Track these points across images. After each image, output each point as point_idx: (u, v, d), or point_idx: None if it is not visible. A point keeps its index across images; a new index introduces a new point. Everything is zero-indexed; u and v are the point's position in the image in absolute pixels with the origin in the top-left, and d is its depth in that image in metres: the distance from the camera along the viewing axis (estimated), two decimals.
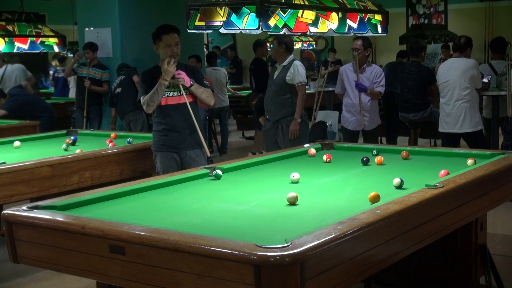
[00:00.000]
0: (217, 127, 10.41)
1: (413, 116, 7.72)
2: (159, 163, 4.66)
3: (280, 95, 6.18)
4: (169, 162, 4.63)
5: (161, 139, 4.66)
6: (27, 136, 5.68)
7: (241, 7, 4.75)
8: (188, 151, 4.65)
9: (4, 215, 2.71)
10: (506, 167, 3.54)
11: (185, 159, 4.65)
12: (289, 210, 2.80)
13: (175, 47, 4.57)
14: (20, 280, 4.52)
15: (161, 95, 4.53)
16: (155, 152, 4.71)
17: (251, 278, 2.04)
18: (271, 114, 6.30)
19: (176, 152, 4.64)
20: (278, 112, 6.22)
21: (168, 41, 4.56)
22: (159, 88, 4.50)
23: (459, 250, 3.55)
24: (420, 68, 7.68)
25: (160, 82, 4.49)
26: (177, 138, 4.63)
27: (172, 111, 4.61)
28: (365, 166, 3.85)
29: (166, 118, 4.63)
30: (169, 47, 4.55)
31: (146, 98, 4.55)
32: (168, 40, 4.56)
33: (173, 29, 4.60)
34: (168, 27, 4.62)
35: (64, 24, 13.27)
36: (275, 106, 6.23)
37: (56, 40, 9.61)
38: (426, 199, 2.77)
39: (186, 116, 4.61)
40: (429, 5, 15.24)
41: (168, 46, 4.55)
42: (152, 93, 4.51)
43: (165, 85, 4.51)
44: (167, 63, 4.47)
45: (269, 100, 6.31)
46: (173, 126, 4.63)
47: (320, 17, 5.30)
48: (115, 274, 2.40)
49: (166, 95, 4.58)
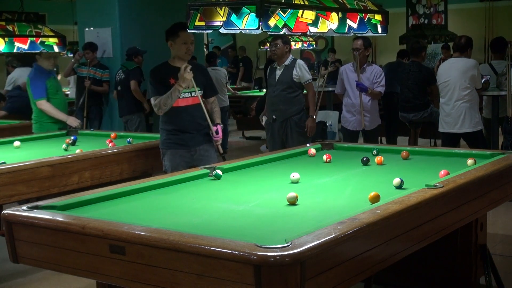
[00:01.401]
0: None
1: (413, 116, 7.72)
2: (168, 161, 4.66)
3: (289, 93, 6.26)
4: (178, 160, 4.63)
5: (171, 138, 4.66)
6: (27, 136, 5.68)
7: (241, 7, 4.75)
8: (198, 147, 4.67)
9: (4, 215, 2.71)
10: (506, 167, 3.54)
11: (195, 156, 4.67)
12: (289, 210, 2.81)
13: (191, 45, 4.59)
14: (20, 280, 4.52)
15: (174, 99, 4.51)
16: (163, 151, 4.70)
17: (251, 278, 2.04)
18: (280, 113, 6.32)
19: (186, 149, 4.64)
20: (287, 111, 6.29)
21: (185, 39, 4.57)
22: (174, 93, 4.49)
23: (459, 250, 3.55)
24: (420, 68, 7.68)
25: (175, 88, 4.48)
26: (187, 137, 4.64)
27: (183, 112, 4.61)
28: (365, 166, 3.85)
29: (177, 119, 4.62)
30: (185, 45, 4.57)
31: (158, 101, 4.52)
32: (185, 38, 4.57)
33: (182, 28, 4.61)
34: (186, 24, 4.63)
35: (64, 24, 13.26)
36: (284, 104, 6.28)
37: (56, 40, 9.59)
38: (426, 199, 2.77)
39: (197, 117, 4.62)
40: (429, 5, 15.24)
41: (184, 43, 4.57)
42: (166, 97, 4.49)
43: (179, 91, 4.49)
44: (184, 69, 4.44)
45: (277, 99, 6.32)
46: (183, 127, 4.63)
47: (320, 17, 5.30)
48: (115, 274, 2.40)
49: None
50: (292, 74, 6.23)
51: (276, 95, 6.32)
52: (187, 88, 4.56)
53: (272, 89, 6.37)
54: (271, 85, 6.39)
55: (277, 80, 6.30)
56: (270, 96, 6.44)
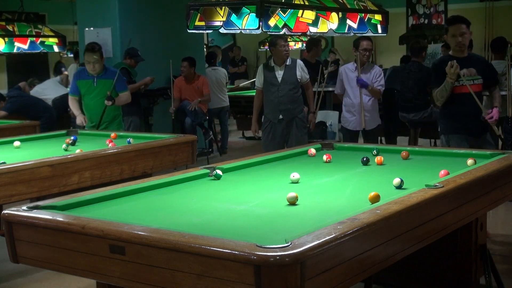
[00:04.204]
0: (217, 127, 10.41)
1: (413, 116, 7.72)
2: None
3: (295, 92, 6.40)
4: (463, 143, 4.91)
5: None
6: (27, 136, 5.68)
7: (241, 7, 4.76)
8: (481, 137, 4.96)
9: (4, 215, 2.71)
10: (506, 167, 3.54)
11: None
12: (289, 210, 2.80)
13: (460, 37, 4.87)
14: (20, 280, 4.52)
15: (449, 91, 4.85)
16: (447, 136, 5.02)
17: (251, 278, 2.04)
18: (288, 112, 6.37)
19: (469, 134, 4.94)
20: (295, 110, 6.40)
21: (453, 32, 4.89)
22: (447, 86, 4.86)
23: (459, 250, 3.55)
24: (420, 68, 7.69)
25: (447, 81, 4.85)
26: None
27: (463, 98, 4.91)
28: (365, 166, 3.85)
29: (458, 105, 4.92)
30: (454, 38, 4.88)
31: (436, 92, 4.96)
32: (453, 31, 4.88)
33: (458, 20, 4.92)
34: (453, 18, 5.02)
35: (64, 24, 13.27)
36: (292, 104, 6.38)
37: (56, 40, 9.62)
38: (426, 199, 2.77)
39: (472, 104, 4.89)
40: (429, 5, 15.22)
41: (453, 36, 4.89)
42: (440, 90, 4.91)
43: (450, 84, 4.83)
44: (451, 67, 4.76)
45: (285, 99, 6.36)
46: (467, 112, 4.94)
47: (320, 17, 5.30)
48: (115, 274, 2.40)
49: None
50: (295, 74, 6.35)
51: (284, 95, 6.33)
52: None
53: (276, 89, 6.36)
54: (273, 85, 6.37)
55: (281, 80, 6.32)
56: (275, 96, 6.39)
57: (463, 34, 4.87)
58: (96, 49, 6.34)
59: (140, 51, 8.18)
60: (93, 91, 6.35)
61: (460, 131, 4.97)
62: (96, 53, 6.30)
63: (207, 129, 9.27)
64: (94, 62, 6.27)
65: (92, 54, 6.28)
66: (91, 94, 6.37)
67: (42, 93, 9.17)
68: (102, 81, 6.33)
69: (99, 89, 6.33)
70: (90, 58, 6.29)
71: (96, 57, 6.28)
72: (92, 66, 6.28)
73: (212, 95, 9.25)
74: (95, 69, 6.29)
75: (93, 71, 6.31)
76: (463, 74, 4.83)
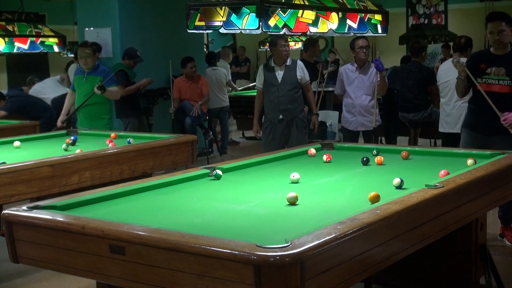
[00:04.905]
0: (216, 127, 10.41)
1: (413, 116, 7.72)
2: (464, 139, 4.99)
3: (295, 93, 6.41)
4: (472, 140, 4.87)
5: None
6: (27, 136, 5.67)
7: (241, 7, 4.76)
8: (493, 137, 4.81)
9: (4, 215, 2.71)
10: (506, 167, 3.54)
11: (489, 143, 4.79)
12: (289, 210, 2.80)
13: (497, 35, 4.72)
14: (20, 280, 4.52)
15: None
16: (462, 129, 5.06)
17: (251, 278, 2.04)
18: (288, 112, 6.38)
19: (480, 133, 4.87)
20: (295, 110, 6.41)
21: (491, 28, 4.75)
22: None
23: (459, 250, 3.55)
24: (420, 68, 7.69)
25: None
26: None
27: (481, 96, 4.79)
28: (365, 166, 3.85)
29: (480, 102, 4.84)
30: (492, 35, 4.75)
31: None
32: (491, 27, 4.75)
33: (498, 17, 4.79)
34: (493, 14, 4.94)
35: (64, 24, 13.27)
36: (292, 104, 6.38)
37: (56, 40, 9.63)
38: (426, 199, 2.77)
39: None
40: (429, 5, 15.23)
41: (491, 33, 4.76)
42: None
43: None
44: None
45: (285, 99, 6.36)
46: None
47: (320, 17, 5.31)
48: (115, 274, 2.40)
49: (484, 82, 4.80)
50: (295, 74, 6.35)
51: (284, 95, 6.34)
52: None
53: (276, 89, 6.36)
54: (273, 85, 6.38)
55: (282, 80, 6.33)
56: (275, 96, 6.39)
57: (501, 32, 4.70)
58: (88, 44, 6.67)
59: (140, 51, 8.16)
60: (83, 85, 6.56)
61: (471, 127, 4.94)
62: (88, 48, 6.58)
63: (207, 129, 9.26)
64: (86, 56, 6.52)
65: (84, 49, 6.57)
66: (80, 89, 6.59)
67: (41, 92, 9.15)
68: (91, 77, 6.52)
69: (87, 84, 6.52)
70: (82, 53, 6.57)
71: (88, 51, 6.53)
72: (84, 60, 6.54)
73: (212, 95, 9.25)
74: (87, 63, 6.54)
75: (85, 65, 6.56)
76: (490, 71, 4.73)
